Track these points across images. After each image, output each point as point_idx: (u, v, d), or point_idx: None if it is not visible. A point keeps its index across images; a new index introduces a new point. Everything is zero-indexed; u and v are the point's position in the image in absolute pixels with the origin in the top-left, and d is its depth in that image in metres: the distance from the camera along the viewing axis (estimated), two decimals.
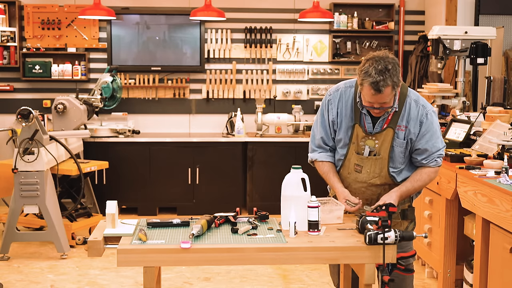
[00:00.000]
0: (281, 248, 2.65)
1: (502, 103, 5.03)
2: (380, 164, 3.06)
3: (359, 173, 3.10)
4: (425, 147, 3.05)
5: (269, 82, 7.02)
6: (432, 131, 3.05)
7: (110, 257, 4.92)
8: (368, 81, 2.83)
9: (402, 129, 3.03)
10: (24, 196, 5.01)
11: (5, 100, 6.86)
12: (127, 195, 6.47)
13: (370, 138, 3.06)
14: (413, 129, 3.03)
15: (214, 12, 6.25)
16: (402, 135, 3.03)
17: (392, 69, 2.83)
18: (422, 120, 3.03)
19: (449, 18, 6.43)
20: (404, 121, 3.03)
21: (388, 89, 2.84)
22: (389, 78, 2.82)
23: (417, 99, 3.07)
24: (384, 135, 3.04)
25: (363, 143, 3.07)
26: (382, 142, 3.04)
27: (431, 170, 3.09)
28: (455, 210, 4.23)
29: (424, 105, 3.06)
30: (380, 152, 3.05)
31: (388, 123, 3.03)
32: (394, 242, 2.63)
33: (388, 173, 3.07)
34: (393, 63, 2.86)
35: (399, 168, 3.10)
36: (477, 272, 3.69)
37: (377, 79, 2.81)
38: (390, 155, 3.05)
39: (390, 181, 3.09)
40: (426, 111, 3.04)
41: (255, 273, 4.76)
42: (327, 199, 3.13)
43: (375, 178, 3.09)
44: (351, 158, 3.11)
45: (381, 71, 2.81)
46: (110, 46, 6.82)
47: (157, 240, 2.70)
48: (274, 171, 6.35)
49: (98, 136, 6.47)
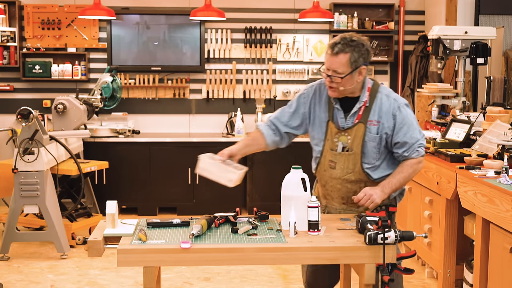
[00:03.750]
0: (281, 248, 2.65)
1: (502, 103, 5.03)
2: (353, 159, 3.08)
3: (333, 170, 3.12)
4: (404, 139, 3.05)
5: (269, 82, 7.03)
6: (408, 123, 3.06)
7: (110, 257, 4.92)
8: (329, 44, 2.98)
9: (374, 124, 3.05)
10: (24, 196, 5.01)
11: (5, 100, 6.86)
12: (127, 195, 6.47)
13: (342, 134, 3.08)
14: (387, 123, 3.04)
15: (214, 12, 6.25)
16: (374, 130, 3.05)
17: (356, 43, 2.95)
18: (395, 113, 3.04)
19: (449, 18, 6.43)
20: (376, 116, 3.05)
21: (344, 57, 2.92)
22: (349, 46, 2.93)
23: (389, 94, 3.10)
24: (356, 130, 3.06)
25: (336, 139, 3.10)
26: (354, 138, 3.06)
27: (413, 162, 3.08)
28: (455, 210, 4.23)
29: (395, 98, 3.08)
30: (353, 147, 3.07)
31: (360, 118, 3.06)
32: (394, 242, 2.63)
33: (362, 168, 3.08)
34: (360, 41, 2.97)
35: (373, 164, 3.09)
36: (477, 272, 3.69)
37: (337, 41, 2.95)
38: (362, 150, 3.06)
39: (364, 177, 3.10)
40: (398, 104, 3.06)
41: (255, 273, 4.77)
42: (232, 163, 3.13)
43: (349, 174, 3.10)
44: (326, 154, 3.13)
45: (345, 39, 2.95)
46: (110, 46, 6.82)
47: (157, 240, 2.70)
48: (274, 171, 6.35)
49: (98, 136, 6.47)
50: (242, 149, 3.25)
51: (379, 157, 3.09)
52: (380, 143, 3.06)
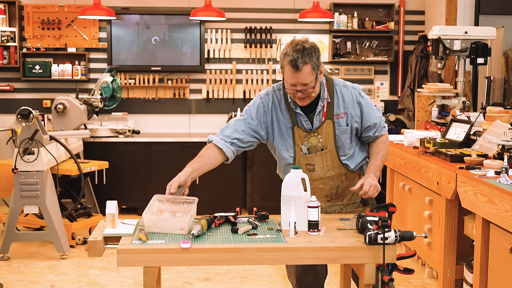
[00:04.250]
0: (281, 248, 2.65)
1: (502, 103, 5.03)
2: (330, 156, 3.10)
3: (313, 172, 3.13)
4: (373, 122, 3.13)
5: (269, 82, 7.02)
6: (371, 106, 3.14)
7: (110, 257, 4.92)
8: (287, 60, 2.89)
9: (341, 117, 3.08)
10: (24, 196, 5.01)
11: (5, 100, 6.86)
12: (127, 195, 6.47)
13: (312, 135, 3.09)
14: (354, 112, 3.09)
15: (214, 12, 6.25)
16: (343, 122, 3.08)
17: (310, 49, 2.91)
18: (359, 101, 3.10)
19: (449, 18, 6.43)
20: (341, 108, 3.08)
21: (307, 68, 2.89)
22: (307, 56, 2.88)
23: (345, 84, 3.13)
24: (325, 127, 3.07)
25: (306, 141, 3.10)
26: (326, 135, 3.08)
27: (384, 138, 3.19)
28: (455, 210, 4.23)
29: (353, 87, 3.13)
30: (327, 145, 3.09)
31: (325, 115, 3.06)
32: (394, 242, 2.63)
33: (340, 162, 3.12)
34: (312, 45, 2.93)
35: (349, 154, 3.14)
36: (477, 272, 3.69)
37: (295, 56, 2.87)
38: (337, 145, 3.09)
39: (344, 169, 3.13)
40: (358, 91, 3.12)
41: (255, 273, 4.77)
42: (181, 197, 3.01)
43: (329, 171, 3.12)
44: (300, 159, 3.13)
45: (299, 50, 2.89)
46: (110, 46, 6.82)
47: (157, 240, 2.70)
48: (274, 171, 6.31)
49: (98, 136, 6.47)
50: (191, 174, 3.22)
51: (351, 146, 3.14)
52: (352, 133, 3.12)
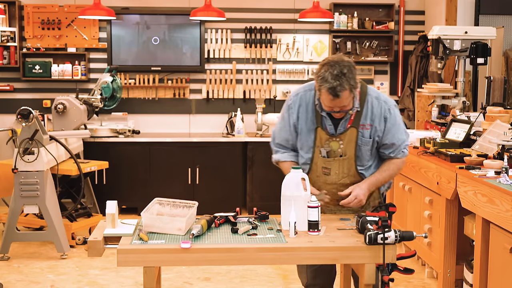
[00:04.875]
0: (281, 248, 2.65)
1: (502, 103, 5.03)
2: (348, 164, 3.10)
3: (328, 176, 3.13)
4: (392, 141, 3.11)
5: (269, 82, 7.02)
6: (397, 125, 3.10)
7: (110, 257, 4.92)
8: (326, 87, 2.87)
9: (366, 128, 3.07)
10: (24, 196, 5.01)
11: (5, 100, 6.86)
12: (127, 195, 6.47)
13: (334, 139, 3.08)
14: (379, 126, 3.07)
15: (214, 12, 6.25)
16: (367, 134, 3.07)
17: (348, 72, 2.87)
18: (386, 116, 3.07)
19: (449, 18, 6.43)
20: (368, 120, 3.07)
21: (346, 93, 2.88)
22: (345, 82, 2.86)
23: (378, 96, 3.10)
24: (348, 135, 3.07)
25: (327, 145, 3.09)
26: (347, 143, 3.07)
27: (398, 161, 3.16)
28: (455, 210, 4.23)
29: (385, 101, 3.10)
30: (346, 152, 3.08)
31: (351, 123, 3.06)
32: (394, 242, 2.63)
33: (357, 171, 3.12)
34: (349, 66, 2.89)
35: (366, 166, 3.14)
36: (477, 272, 3.69)
37: (334, 84, 2.84)
38: (356, 154, 3.09)
39: (359, 178, 3.14)
40: (388, 107, 3.09)
41: (255, 273, 4.77)
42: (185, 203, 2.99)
43: (344, 178, 3.12)
44: (318, 161, 3.13)
45: (337, 76, 2.84)
46: (110, 46, 6.82)
47: (157, 240, 2.70)
48: (274, 171, 6.31)
49: (98, 136, 6.47)
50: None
51: (371, 158, 3.14)
52: (373, 145, 3.10)
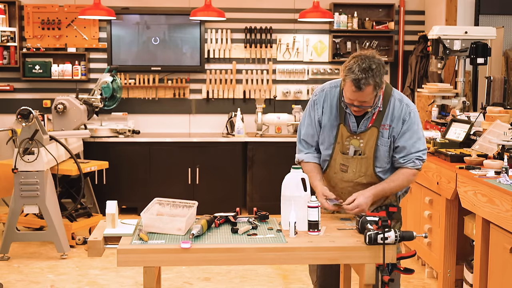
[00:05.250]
0: (281, 248, 2.65)
1: (502, 103, 5.03)
2: (366, 163, 3.08)
3: (345, 173, 3.12)
4: (404, 145, 3.05)
5: (269, 82, 7.02)
6: (413, 130, 3.05)
7: (110, 257, 4.92)
8: (350, 78, 2.85)
9: (386, 128, 3.04)
10: (24, 196, 5.01)
11: (5, 100, 6.86)
12: (127, 195, 6.47)
13: (354, 137, 3.07)
14: (396, 128, 3.05)
15: (214, 12, 6.25)
16: (386, 134, 3.05)
17: (376, 69, 2.85)
18: (405, 119, 3.04)
19: (449, 18, 6.43)
20: (388, 120, 3.04)
21: (369, 88, 2.86)
22: (371, 77, 2.84)
23: (401, 98, 3.08)
24: (369, 134, 3.05)
25: (348, 142, 3.08)
26: (367, 142, 3.05)
27: (409, 172, 3.07)
28: (455, 210, 4.23)
29: (407, 104, 3.07)
30: (365, 151, 3.07)
31: (373, 122, 3.04)
32: (394, 242, 2.63)
33: (374, 172, 3.09)
34: (378, 64, 2.87)
35: (385, 168, 3.10)
36: (477, 272, 3.69)
37: (359, 76, 2.83)
38: (375, 155, 3.06)
39: (376, 180, 3.10)
40: (409, 110, 3.06)
41: (255, 273, 4.77)
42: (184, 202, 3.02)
43: (361, 177, 3.10)
44: (337, 158, 3.12)
45: (365, 69, 2.83)
46: (110, 46, 6.82)
47: (157, 240, 2.70)
48: (274, 171, 6.35)
49: (98, 136, 6.47)
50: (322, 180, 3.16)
51: (389, 160, 3.10)
52: (390, 147, 3.07)
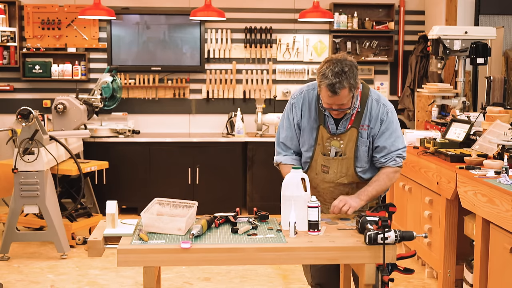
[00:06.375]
0: (281, 248, 2.65)
1: (502, 103, 5.03)
2: (346, 164, 3.11)
3: (326, 174, 3.14)
4: (384, 144, 3.09)
5: (269, 82, 7.02)
6: (392, 129, 3.09)
7: (110, 257, 4.92)
8: (325, 83, 2.88)
9: (365, 128, 3.08)
10: (24, 196, 5.01)
11: (5, 100, 6.86)
12: (127, 195, 6.47)
13: (335, 139, 3.10)
14: (374, 128, 3.08)
15: (214, 12, 6.25)
16: (365, 134, 3.08)
17: (348, 71, 2.88)
18: (383, 119, 3.08)
19: (449, 18, 6.43)
20: (367, 121, 3.08)
21: (345, 91, 2.89)
22: (345, 80, 2.87)
23: (378, 98, 3.11)
24: (349, 135, 3.08)
25: (328, 144, 3.10)
26: (347, 142, 3.08)
27: (389, 171, 3.11)
28: (455, 210, 4.23)
29: (384, 104, 3.11)
30: (346, 152, 3.09)
31: (352, 123, 3.07)
32: (394, 242, 2.63)
33: (355, 172, 3.12)
34: (350, 65, 2.90)
35: (365, 167, 3.14)
36: (477, 272, 3.69)
37: (333, 81, 2.86)
38: (355, 155, 3.10)
39: (357, 179, 3.14)
40: (386, 110, 3.09)
41: (255, 273, 4.77)
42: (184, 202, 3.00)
43: (342, 177, 3.13)
44: (318, 159, 3.14)
45: (338, 73, 2.86)
46: (110, 46, 6.82)
47: (157, 240, 2.70)
48: (274, 171, 6.29)
49: (98, 136, 6.47)
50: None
51: (368, 160, 3.15)
52: (369, 146, 3.11)
